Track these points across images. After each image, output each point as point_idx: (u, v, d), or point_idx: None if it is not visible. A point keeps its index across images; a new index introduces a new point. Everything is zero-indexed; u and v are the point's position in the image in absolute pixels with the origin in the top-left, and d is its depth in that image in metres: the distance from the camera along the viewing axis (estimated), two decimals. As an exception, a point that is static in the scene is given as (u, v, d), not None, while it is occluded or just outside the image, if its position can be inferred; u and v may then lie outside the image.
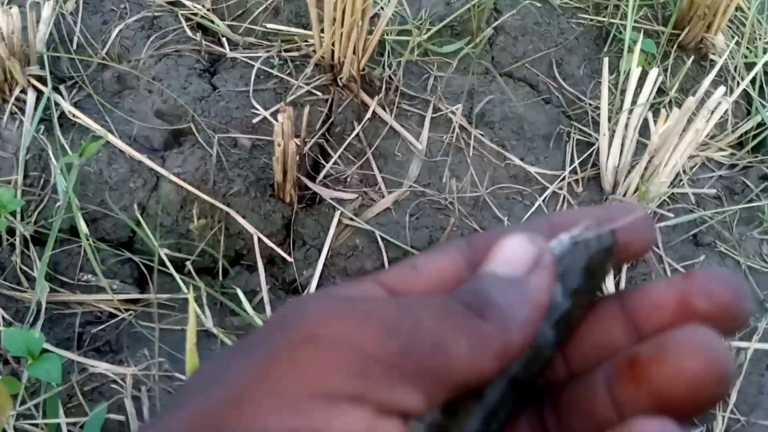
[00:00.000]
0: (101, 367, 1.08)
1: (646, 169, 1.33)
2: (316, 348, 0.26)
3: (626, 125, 1.39)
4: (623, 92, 1.42)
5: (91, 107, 1.38)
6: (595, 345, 0.32)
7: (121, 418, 1.07)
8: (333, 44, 1.42)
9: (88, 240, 1.15)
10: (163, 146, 1.36)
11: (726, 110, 1.43)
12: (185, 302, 1.20)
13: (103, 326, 1.18)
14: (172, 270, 1.17)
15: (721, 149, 1.50)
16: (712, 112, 1.30)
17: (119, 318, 1.19)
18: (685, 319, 0.29)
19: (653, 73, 1.36)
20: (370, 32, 1.40)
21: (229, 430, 0.25)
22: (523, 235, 0.31)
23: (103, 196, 1.27)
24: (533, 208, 1.35)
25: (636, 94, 1.38)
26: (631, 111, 1.37)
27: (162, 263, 1.17)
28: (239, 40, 1.56)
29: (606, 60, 1.40)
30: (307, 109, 1.29)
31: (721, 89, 1.30)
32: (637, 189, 1.34)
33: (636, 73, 1.37)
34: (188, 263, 1.22)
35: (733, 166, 1.48)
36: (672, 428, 0.26)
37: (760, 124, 1.52)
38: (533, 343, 0.30)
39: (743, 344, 1.18)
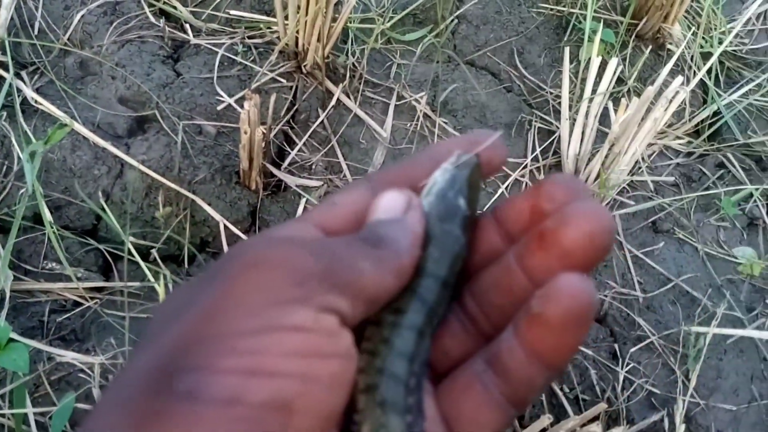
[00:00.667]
0: (68, 356, 1.08)
1: (606, 157, 1.36)
2: (265, 268, 0.32)
3: (586, 114, 1.42)
4: (583, 81, 1.45)
5: (54, 93, 1.36)
6: (483, 249, 0.40)
7: (89, 407, 1.07)
8: (297, 32, 1.43)
9: (52, 228, 1.14)
10: (128, 133, 1.35)
11: (683, 99, 1.47)
12: (151, 290, 1.20)
13: (68, 315, 1.18)
14: (137, 258, 1.17)
15: (678, 137, 1.54)
16: (670, 101, 1.33)
17: (84, 306, 1.18)
18: (537, 220, 0.37)
19: (613, 62, 1.39)
20: (334, 20, 1.41)
21: (209, 337, 0.30)
22: (394, 190, 0.38)
23: (67, 184, 1.27)
24: (496, 195, 1.38)
25: (596, 83, 1.41)
26: (591, 100, 1.40)
27: (127, 251, 1.17)
28: (202, 26, 1.55)
29: (567, 50, 1.43)
30: (273, 97, 1.30)
31: (679, 79, 1.33)
32: (597, 176, 1.37)
33: (596, 62, 1.40)
34: (154, 251, 1.22)
35: (690, 153, 1.52)
36: (583, 277, 0.33)
37: (715, 113, 1.56)
38: (449, 247, 0.38)
39: (702, 329, 1.22)
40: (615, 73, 1.39)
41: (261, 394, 0.29)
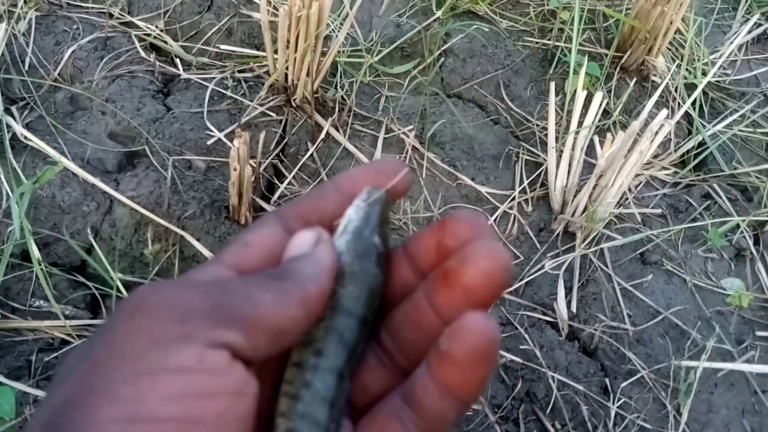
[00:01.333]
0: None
1: (593, 189, 1.37)
2: (148, 311, 0.32)
3: (573, 146, 1.43)
4: (569, 113, 1.46)
5: (44, 129, 1.36)
6: (396, 284, 0.41)
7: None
8: (286, 66, 1.44)
9: (40, 265, 1.14)
10: (117, 168, 1.35)
11: (669, 131, 1.48)
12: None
13: (55, 354, 1.17)
14: (125, 294, 1.17)
15: (664, 168, 1.56)
16: (656, 133, 1.35)
17: (72, 345, 1.18)
18: (443, 256, 0.38)
19: (598, 96, 1.40)
20: (323, 54, 1.42)
21: (93, 389, 0.30)
22: (304, 230, 0.39)
23: (56, 220, 1.26)
24: (485, 228, 1.38)
25: (581, 116, 1.43)
26: (577, 133, 1.42)
27: (116, 289, 1.17)
28: (193, 60, 1.56)
29: (552, 84, 1.45)
30: (263, 134, 1.30)
31: (664, 112, 1.34)
32: (585, 209, 1.38)
33: (581, 96, 1.42)
34: (143, 287, 1.22)
35: (676, 184, 1.54)
36: (486, 315, 0.35)
37: (701, 144, 1.58)
38: (367, 285, 0.39)
39: (692, 363, 1.22)
40: (600, 106, 1.41)
41: None
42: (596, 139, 1.41)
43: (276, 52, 1.42)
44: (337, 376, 0.37)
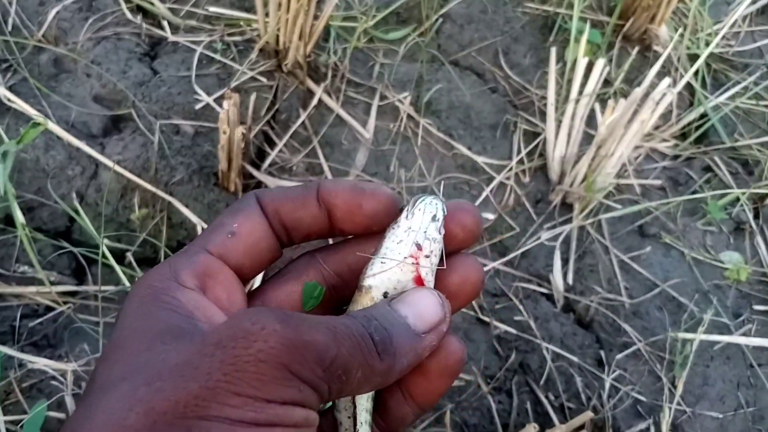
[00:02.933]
0: (40, 362, 1.04)
1: (593, 159, 1.34)
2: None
3: (573, 116, 1.39)
4: (569, 82, 1.43)
5: (27, 91, 1.32)
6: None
7: (62, 416, 1.04)
8: (278, 29, 1.39)
9: (24, 230, 1.11)
10: (103, 132, 1.31)
11: (670, 101, 1.45)
12: (126, 294, 1.16)
13: (40, 320, 1.14)
14: (112, 261, 1.13)
15: (664, 140, 1.53)
16: (657, 103, 1.31)
17: (57, 311, 1.15)
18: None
19: (599, 64, 1.37)
20: (315, 17, 1.38)
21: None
22: (437, 297, 0.40)
23: (40, 184, 1.23)
24: (481, 198, 1.35)
25: (582, 85, 1.39)
26: (577, 101, 1.38)
27: (102, 254, 1.13)
28: (180, 23, 1.51)
29: (553, 50, 1.41)
30: (253, 97, 1.27)
31: (666, 81, 1.31)
32: (584, 179, 1.35)
33: (582, 63, 1.38)
34: (129, 254, 1.19)
35: (676, 157, 1.51)
36: (457, 337, 0.40)
37: (702, 115, 1.54)
38: None
39: (689, 336, 1.20)
40: (602, 74, 1.37)
41: None
42: (597, 107, 1.38)
43: (267, 14, 1.37)
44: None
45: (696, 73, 1.56)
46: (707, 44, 1.65)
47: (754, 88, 1.59)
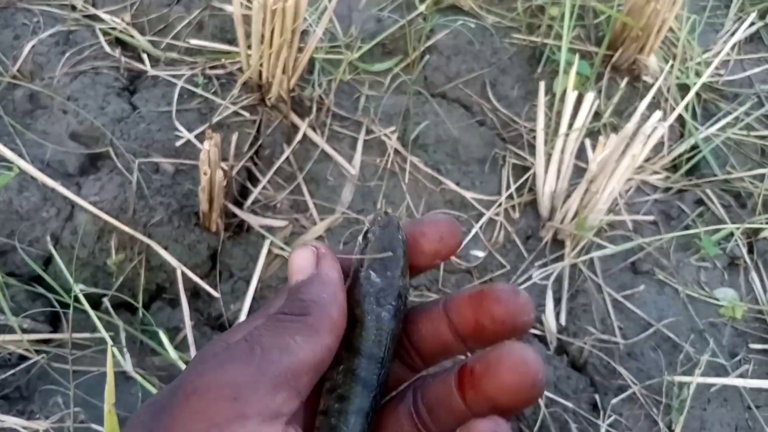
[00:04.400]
0: (10, 421, 0.99)
1: (583, 196, 1.30)
2: (200, 396, 0.35)
3: (562, 150, 1.37)
4: (558, 115, 1.40)
5: (1, 129, 1.28)
6: (431, 340, 0.42)
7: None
8: (261, 63, 1.36)
9: (-6, 276, 1.06)
10: (79, 171, 1.27)
11: (662, 134, 1.42)
12: (102, 341, 1.12)
13: (12, 371, 1.09)
14: (87, 307, 1.09)
15: (656, 172, 1.50)
16: (649, 137, 1.29)
17: (31, 361, 1.10)
18: (481, 330, 0.40)
19: (589, 97, 1.34)
20: (299, 50, 1.35)
21: None
22: (300, 248, 0.41)
23: (13, 227, 1.18)
24: (470, 235, 1.32)
25: (572, 118, 1.36)
26: (567, 135, 1.35)
27: (77, 300, 1.09)
28: (161, 56, 1.48)
29: (542, 84, 1.38)
30: (235, 135, 1.23)
31: (657, 114, 1.28)
32: (575, 216, 1.32)
33: (572, 96, 1.35)
34: (105, 299, 1.14)
35: (668, 189, 1.48)
36: (502, 424, 0.36)
37: (693, 147, 1.52)
38: (377, 325, 0.40)
39: (686, 379, 1.16)
40: (591, 108, 1.34)
41: None
42: (588, 142, 1.35)
43: (249, 47, 1.34)
44: (363, 417, 0.39)
45: (686, 104, 1.53)
46: (697, 74, 1.63)
47: (745, 118, 1.57)
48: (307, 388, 0.37)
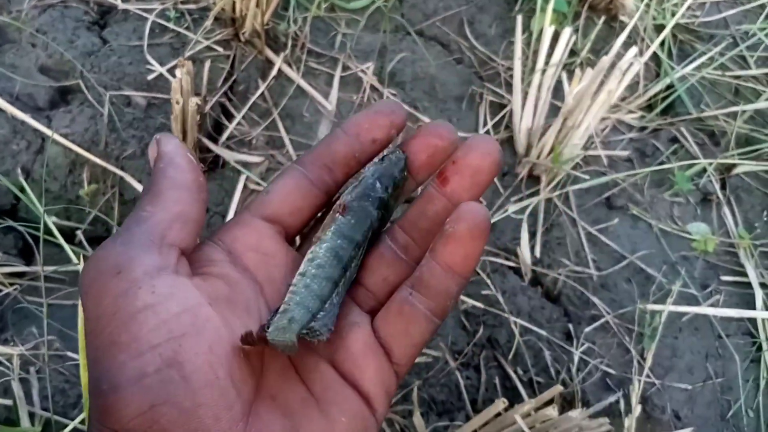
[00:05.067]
0: (-18, 346, 0.98)
1: (559, 131, 1.31)
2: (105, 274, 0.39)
3: (539, 87, 1.36)
4: (535, 53, 1.39)
5: (-33, 62, 1.25)
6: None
7: (9, 402, 0.99)
8: (235, -3, 1.34)
9: (-37, 208, 1.04)
10: (49, 105, 1.25)
11: (637, 72, 1.42)
12: (76, 274, 1.11)
13: (-16, 302, 1.08)
14: (60, 240, 1.07)
15: (631, 112, 1.50)
16: (624, 73, 1.29)
17: (3, 293, 1.09)
18: (432, 156, 0.48)
19: (566, 33, 1.33)
20: (274, -16, 1.32)
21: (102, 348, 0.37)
22: (152, 145, 0.45)
23: (-19, 160, 1.16)
24: (446, 171, 1.32)
25: (548, 55, 1.36)
26: (544, 72, 1.35)
27: (49, 232, 1.07)
28: (133, -10, 1.44)
29: (519, 20, 1.37)
30: (207, 65, 1.21)
31: (633, 50, 1.28)
32: (551, 151, 1.32)
33: (548, 33, 1.35)
34: (79, 232, 1.13)
35: (643, 128, 1.49)
36: (481, 203, 0.44)
37: (669, 86, 1.52)
38: (363, 217, 0.47)
39: (657, 307, 1.18)
40: (568, 44, 1.34)
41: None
42: (564, 77, 1.35)
43: (223, -20, 1.31)
44: (332, 283, 0.44)
45: (662, 43, 1.54)
46: (673, 14, 1.63)
47: (720, 58, 1.57)
48: (182, 238, 0.42)
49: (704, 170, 1.40)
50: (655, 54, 1.54)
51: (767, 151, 1.41)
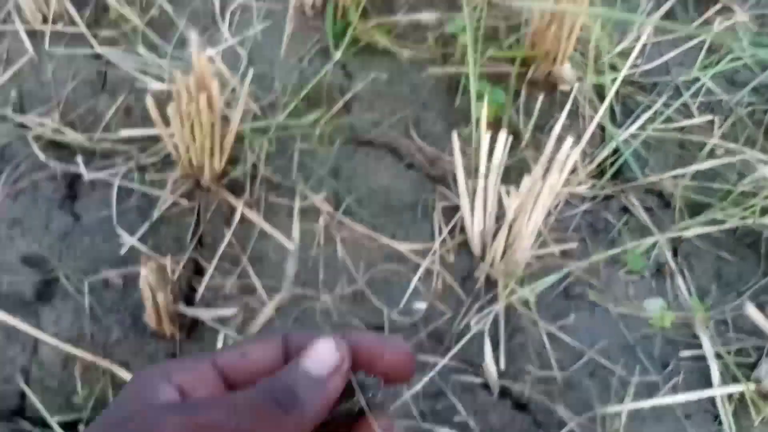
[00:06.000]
0: None
1: (508, 235, 1.38)
2: None
3: (485, 188, 1.43)
4: (477, 150, 1.45)
5: (-46, 267, 1.36)
6: None
7: None
8: (188, 149, 1.42)
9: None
10: (36, 296, 1.35)
11: (579, 154, 1.48)
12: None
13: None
14: (67, 437, 1.19)
15: (581, 183, 1.56)
16: (564, 164, 1.34)
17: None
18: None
19: (501, 137, 1.39)
20: (222, 136, 1.40)
21: None
22: (332, 341, 0.46)
23: (-16, 367, 1.28)
24: (410, 290, 1.40)
25: (489, 155, 1.42)
26: (487, 177, 1.41)
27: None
28: (95, 147, 1.53)
29: (455, 135, 1.43)
30: (169, 259, 1.29)
31: (569, 141, 1.32)
32: (503, 255, 1.39)
33: (486, 138, 1.40)
34: (80, 426, 1.25)
35: (595, 197, 1.55)
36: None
37: (615, 150, 1.58)
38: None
39: (617, 408, 1.26)
40: (506, 146, 1.39)
41: None
42: (503, 189, 1.41)
43: (175, 137, 1.39)
44: None
45: (604, 108, 1.58)
46: (613, 68, 1.67)
47: (665, 110, 1.62)
48: None
49: (656, 242, 1.46)
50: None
51: (714, 213, 1.47)
